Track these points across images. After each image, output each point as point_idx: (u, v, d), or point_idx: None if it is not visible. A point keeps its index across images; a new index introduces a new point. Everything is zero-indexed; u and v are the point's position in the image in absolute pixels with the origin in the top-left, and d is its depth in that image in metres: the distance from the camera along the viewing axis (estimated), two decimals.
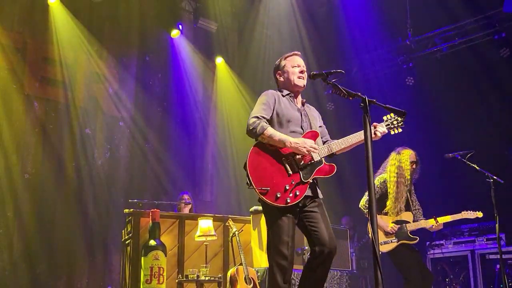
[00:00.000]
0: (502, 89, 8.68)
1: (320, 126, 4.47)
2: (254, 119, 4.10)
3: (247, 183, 4.01)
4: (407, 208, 6.22)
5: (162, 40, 10.19)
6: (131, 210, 7.08)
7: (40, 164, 8.24)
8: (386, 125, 4.37)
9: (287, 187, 3.98)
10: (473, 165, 6.76)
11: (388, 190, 6.07)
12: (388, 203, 6.07)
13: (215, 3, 10.53)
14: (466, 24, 9.14)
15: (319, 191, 4.26)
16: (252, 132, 4.07)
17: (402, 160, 6.16)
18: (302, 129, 4.26)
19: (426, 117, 9.53)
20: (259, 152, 4.08)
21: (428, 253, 8.31)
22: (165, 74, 10.27)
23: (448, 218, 6.25)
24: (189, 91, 10.46)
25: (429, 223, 6.16)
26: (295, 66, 4.43)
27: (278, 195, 3.95)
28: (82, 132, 8.74)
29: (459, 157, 6.90)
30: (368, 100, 3.45)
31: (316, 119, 4.46)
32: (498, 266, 7.14)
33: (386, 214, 6.10)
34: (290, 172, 4.05)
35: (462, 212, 6.35)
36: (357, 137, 4.26)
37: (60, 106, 8.62)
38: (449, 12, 9.08)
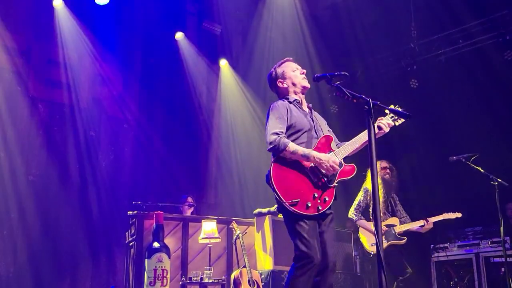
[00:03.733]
0: (507, 91, 8.65)
1: (328, 130, 4.49)
2: (275, 136, 4.10)
3: (276, 198, 4.02)
4: (393, 215, 7.01)
5: (167, 42, 10.19)
6: (135, 212, 7.09)
7: (45, 166, 8.25)
8: (391, 117, 4.41)
9: (316, 195, 4.03)
10: (477, 167, 6.76)
11: (369, 199, 6.89)
12: (371, 210, 6.75)
13: (219, 6, 10.53)
14: (470, 27, 9.11)
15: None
16: (274, 149, 4.09)
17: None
18: (316, 134, 4.28)
19: (430, 120, 9.51)
20: (281, 167, 4.10)
21: (433, 256, 8.28)
22: (169, 77, 10.27)
23: (433, 219, 6.89)
24: (193, 94, 10.46)
25: (417, 224, 6.84)
26: (295, 70, 4.47)
27: (309, 204, 3.98)
28: (86, 134, 8.76)
29: (463, 160, 6.90)
30: (372, 102, 3.45)
31: (323, 125, 4.49)
32: (503, 269, 7.11)
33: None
34: (315, 180, 4.08)
35: (443, 214, 6.90)
36: (365, 136, 4.28)
37: (64, 108, 8.64)
38: (453, 15, 9.05)
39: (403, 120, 4.38)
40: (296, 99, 4.41)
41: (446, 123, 9.34)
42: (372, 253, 6.90)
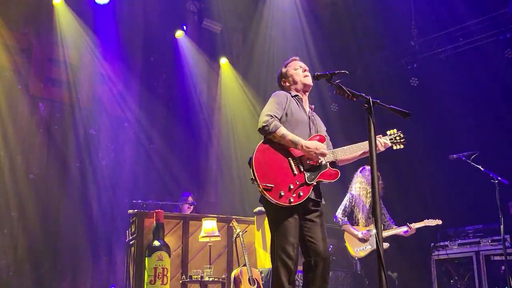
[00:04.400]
0: (507, 90, 8.65)
1: (325, 136, 4.48)
2: (268, 117, 4.09)
3: (251, 178, 4.00)
4: None
5: (167, 40, 10.20)
6: (135, 210, 7.10)
7: (45, 164, 8.26)
8: (390, 140, 4.41)
9: (291, 187, 3.97)
10: (477, 166, 6.77)
11: (353, 204, 7.00)
12: (356, 215, 6.96)
13: (219, 4, 10.52)
14: (471, 25, 9.09)
15: (322, 196, 4.26)
16: (264, 129, 4.08)
17: (362, 176, 7.14)
18: (310, 132, 4.27)
19: (431, 118, 9.51)
20: (266, 149, 4.08)
21: (433, 254, 8.29)
22: (169, 75, 10.28)
23: (415, 225, 7.00)
24: (193, 92, 10.46)
25: (400, 230, 6.97)
26: (297, 68, 4.47)
27: (282, 194, 3.94)
28: (86, 133, 8.77)
29: (463, 158, 6.91)
30: (372, 101, 3.45)
31: (321, 127, 4.48)
32: (503, 267, 7.12)
33: (357, 225, 6.95)
34: (296, 172, 4.04)
35: (424, 220, 7.00)
36: (361, 147, 4.29)
37: (64, 106, 8.65)
38: (454, 13, 9.04)
39: (401, 146, 4.42)
40: (297, 95, 4.40)
41: (446, 121, 9.33)
42: (357, 258, 6.98)
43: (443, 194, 8.92)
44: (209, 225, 6.66)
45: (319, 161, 4.10)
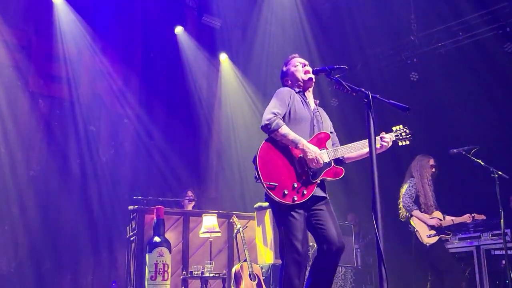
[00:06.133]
0: (507, 84, 8.64)
1: (331, 132, 4.47)
2: (271, 115, 4.09)
3: (255, 176, 4.01)
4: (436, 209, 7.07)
5: (166, 36, 10.19)
6: (136, 206, 7.11)
7: (45, 161, 8.26)
8: (396, 136, 4.41)
9: (295, 185, 3.98)
10: (478, 160, 6.76)
11: (418, 192, 6.99)
12: (421, 201, 6.96)
13: (218, 0, 10.51)
14: (471, 19, 9.08)
15: (325, 191, 4.26)
16: (266, 127, 4.08)
17: (423, 165, 7.14)
18: (313, 129, 4.26)
19: (430, 113, 9.50)
20: (270, 147, 4.09)
21: None
22: (169, 71, 10.27)
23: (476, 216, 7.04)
24: (193, 88, 10.45)
25: (464, 219, 7.00)
26: (296, 65, 4.47)
27: (286, 192, 3.94)
28: (86, 129, 8.76)
29: (463, 153, 6.90)
30: (371, 95, 3.45)
31: (327, 123, 4.47)
32: (503, 262, 7.11)
33: (423, 212, 6.94)
34: (299, 171, 4.05)
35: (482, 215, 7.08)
36: (366, 145, 4.24)
37: (64, 103, 8.64)
38: (453, 8, 9.02)
39: (407, 142, 4.42)
40: (300, 91, 4.40)
41: (446, 116, 9.33)
42: (428, 244, 6.86)
43: (443, 189, 8.92)
44: (209, 221, 6.67)
45: (313, 167, 4.07)
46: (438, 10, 9.23)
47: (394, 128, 4.45)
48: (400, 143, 4.44)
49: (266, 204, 7.20)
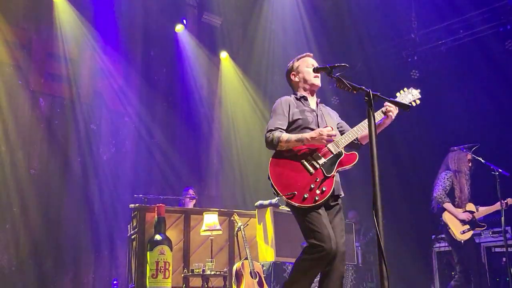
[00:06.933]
0: (508, 81, 8.64)
1: (338, 123, 4.48)
2: (268, 134, 4.15)
3: (274, 193, 4.05)
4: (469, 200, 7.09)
5: (167, 35, 10.19)
6: (137, 205, 7.11)
7: (46, 159, 8.26)
8: (407, 100, 4.46)
9: (313, 186, 3.99)
10: (478, 158, 6.78)
11: (454, 185, 6.96)
12: (456, 195, 6.95)
13: None
14: (471, 17, 9.08)
15: (340, 188, 4.26)
16: (271, 145, 4.13)
17: (461, 158, 7.06)
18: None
19: (431, 111, 9.50)
20: (277, 161, 4.12)
21: (434, 246, 8.28)
22: (170, 69, 10.28)
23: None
24: (193, 86, 10.46)
25: (496, 208, 6.94)
26: (310, 66, 4.44)
27: (306, 196, 3.96)
28: (87, 128, 8.76)
29: (464, 150, 6.91)
30: (372, 93, 3.44)
31: (332, 117, 4.47)
32: (504, 259, 7.12)
33: (457, 206, 6.94)
34: (312, 171, 4.05)
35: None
36: (362, 126, 4.22)
37: (65, 101, 8.64)
38: (454, 5, 9.02)
39: (418, 102, 4.52)
40: (304, 96, 4.40)
41: (446, 114, 9.33)
42: (462, 240, 6.83)
43: None
44: (210, 219, 6.66)
45: (332, 152, 4.08)
46: (439, 7, 9.24)
47: (398, 94, 4.48)
48: (413, 104, 4.50)
49: (267, 202, 7.24)
